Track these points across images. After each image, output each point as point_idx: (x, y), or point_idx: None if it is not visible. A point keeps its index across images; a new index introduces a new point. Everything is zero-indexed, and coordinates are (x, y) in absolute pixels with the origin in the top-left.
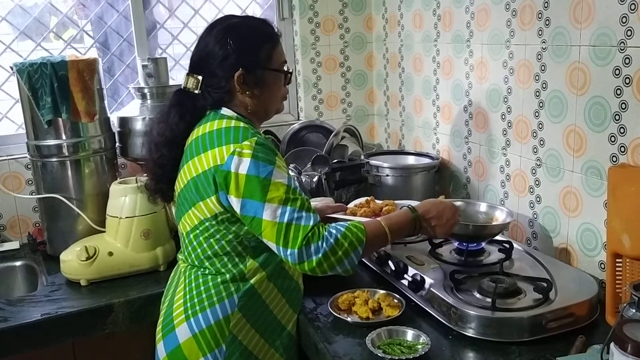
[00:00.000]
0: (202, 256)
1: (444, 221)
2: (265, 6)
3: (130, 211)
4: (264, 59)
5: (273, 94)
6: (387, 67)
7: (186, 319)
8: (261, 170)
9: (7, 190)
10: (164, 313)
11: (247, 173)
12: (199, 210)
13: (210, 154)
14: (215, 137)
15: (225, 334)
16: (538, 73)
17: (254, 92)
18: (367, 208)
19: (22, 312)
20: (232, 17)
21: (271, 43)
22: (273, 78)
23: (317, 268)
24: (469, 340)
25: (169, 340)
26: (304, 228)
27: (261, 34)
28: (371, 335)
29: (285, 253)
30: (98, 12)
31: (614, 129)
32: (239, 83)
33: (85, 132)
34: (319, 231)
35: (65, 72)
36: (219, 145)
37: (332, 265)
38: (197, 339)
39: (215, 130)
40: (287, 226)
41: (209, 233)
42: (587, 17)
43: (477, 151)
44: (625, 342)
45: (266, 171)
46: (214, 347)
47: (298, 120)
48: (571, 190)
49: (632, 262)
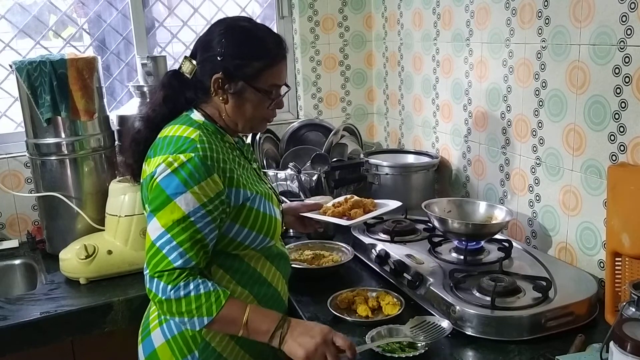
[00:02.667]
0: None
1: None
2: (265, 5)
3: (130, 209)
4: (250, 74)
5: (248, 111)
6: (387, 66)
7: (159, 324)
8: (171, 187)
9: (6, 189)
10: (145, 315)
11: (159, 183)
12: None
13: (154, 160)
14: (166, 144)
15: (197, 341)
16: (538, 72)
17: (229, 101)
18: (342, 207)
19: (21, 310)
20: (246, 20)
21: (266, 61)
22: (253, 96)
23: (159, 305)
24: (468, 338)
25: (147, 344)
26: (166, 263)
27: (260, 48)
28: (371, 334)
29: (145, 270)
30: (97, 10)
31: (614, 128)
32: (215, 86)
33: (85, 131)
34: (177, 277)
35: (64, 70)
36: (163, 153)
37: (170, 314)
38: (170, 344)
39: (170, 137)
40: (156, 250)
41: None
42: (587, 16)
43: (477, 150)
44: (625, 341)
45: (175, 190)
46: (186, 354)
47: (297, 119)
48: (571, 189)
49: (632, 260)
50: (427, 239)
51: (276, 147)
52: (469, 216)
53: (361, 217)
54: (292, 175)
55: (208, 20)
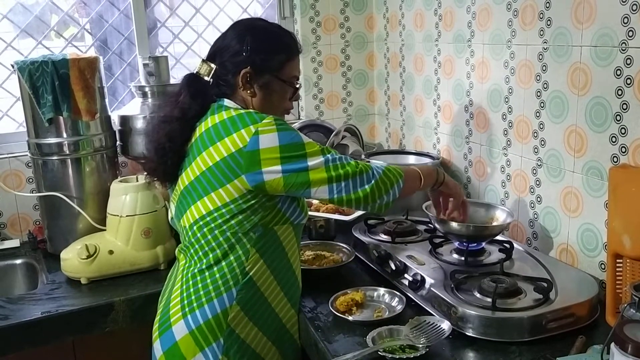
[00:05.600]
0: (206, 247)
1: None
2: (267, 5)
3: (131, 210)
4: (275, 66)
5: (274, 102)
6: (388, 67)
7: (183, 317)
8: (293, 137)
9: (8, 188)
10: (160, 312)
11: (280, 143)
12: (210, 200)
13: (228, 140)
14: (229, 125)
15: (223, 328)
16: (539, 73)
17: (256, 94)
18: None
19: (22, 310)
20: (259, 20)
21: (287, 54)
22: (279, 87)
23: (370, 196)
24: (469, 340)
25: (166, 339)
26: (350, 164)
27: (280, 42)
28: (372, 334)
29: (337, 188)
30: (99, 10)
31: (615, 130)
32: (244, 80)
33: (86, 131)
34: (364, 164)
35: (66, 70)
36: (235, 130)
37: (380, 194)
38: (195, 335)
39: (226, 119)
40: (334, 166)
41: (216, 223)
42: (589, 18)
43: (478, 151)
44: (626, 343)
45: (297, 137)
46: (211, 342)
47: (299, 120)
48: (572, 190)
49: (633, 262)
50: (428, 240)
51: None
52: (470, 217)
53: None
54: None
55: (210, 20)
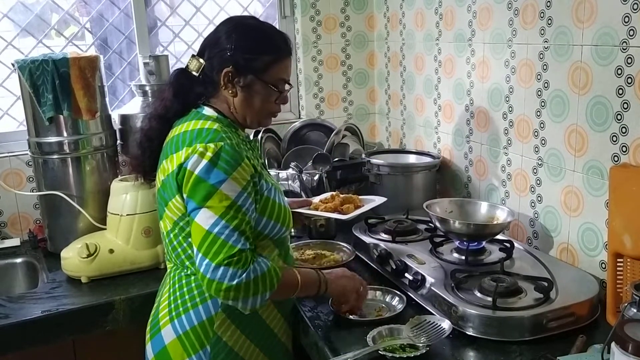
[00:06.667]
0: (182, 256)
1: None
2: (267, 4)
3: (131, 209)
4: (259, 67)
5: (256, 104)
6: (389, 66)
7: (170, 321)
8: (212, 176)
9: (8, 187)
10: (152, 314)
11: (198, 174)
12: (170, 210)
13: (181, 153)
14: (187, 137)
15: (209, 335)
16: (540, 72)
17: (237, 94)
18: (332, 203)
19: (22, 309)
20: (251, 19)
21: (274, 55)
22: (262, 89)
23: (224, 293)
24: (469, 339)
25: (156, 342)
26: (229, 247)
27: (268, 42)
28: (372, 334)
29: (202, 262)
30: (99, 9)
31: (616, 129)
32: (225, 80)
33: (87, 130)
34: (245, 259)
35: (66, 69)
36: (188, 145)
37: (239, 298)
38: (182, 340)
39: (190, 131)
40: (214, 238)
41: (186, 232)
42: (590, 17)
43: (479, 150)
44: (626, 342)
45: (217, 179)
46: (198, 349)
47: (299, 119)
48: (572, 189)
49: (633, 261)
50: (429, 239)
51: (278, 146)
52: (471, 216)
53: (357, 211)
54: (294, 175)
55: (210, 19)
